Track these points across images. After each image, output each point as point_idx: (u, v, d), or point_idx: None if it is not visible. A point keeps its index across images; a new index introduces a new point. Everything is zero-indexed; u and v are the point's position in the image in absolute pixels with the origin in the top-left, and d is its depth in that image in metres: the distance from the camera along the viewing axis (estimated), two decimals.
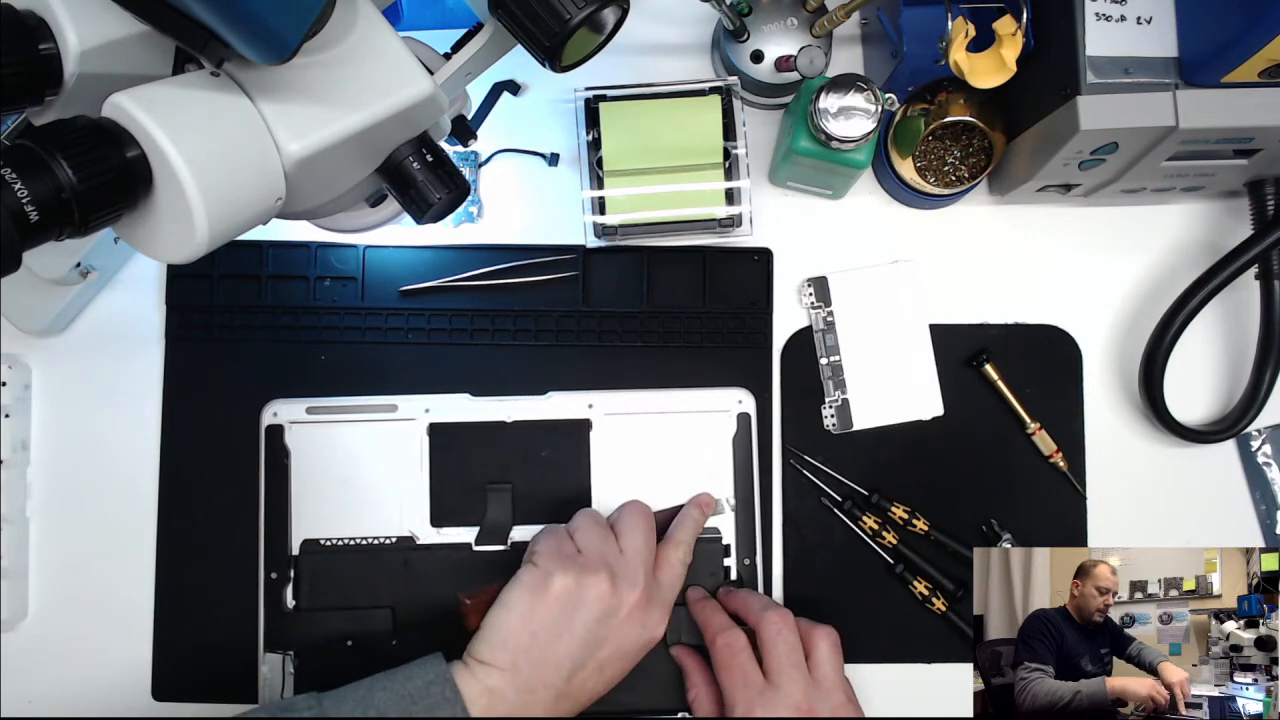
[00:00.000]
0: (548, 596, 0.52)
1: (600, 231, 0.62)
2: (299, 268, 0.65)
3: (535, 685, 0.51)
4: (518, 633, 0.52)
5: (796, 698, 0.52)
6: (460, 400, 0.64)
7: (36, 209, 0.33)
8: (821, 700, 0.53)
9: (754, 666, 0.54)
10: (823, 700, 0.53)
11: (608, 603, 0.53)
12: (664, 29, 0.67)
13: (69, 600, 0.63)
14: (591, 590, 0.53)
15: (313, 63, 0.39)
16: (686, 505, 0.62)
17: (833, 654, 0.55)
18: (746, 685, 0.54)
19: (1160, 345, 0.62)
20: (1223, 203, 0.67)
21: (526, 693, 0.51)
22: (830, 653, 0.55)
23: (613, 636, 0.53)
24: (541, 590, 0.53)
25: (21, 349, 0.64)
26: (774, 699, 0.53)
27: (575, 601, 0.53)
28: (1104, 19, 0.54)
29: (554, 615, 0.52)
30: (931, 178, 0.62)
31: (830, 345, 0.65)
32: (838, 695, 0.54)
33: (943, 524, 0.64)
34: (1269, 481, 0.66)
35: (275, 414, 0.63)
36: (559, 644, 0.52)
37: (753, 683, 0.54)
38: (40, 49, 0.36)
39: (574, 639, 0.52)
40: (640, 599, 0.54)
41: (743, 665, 0.54)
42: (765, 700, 0.53)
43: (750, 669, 0.54)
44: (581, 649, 0.53)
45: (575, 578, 0.53)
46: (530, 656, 0.52)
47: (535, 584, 0.53)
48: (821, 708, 0.53)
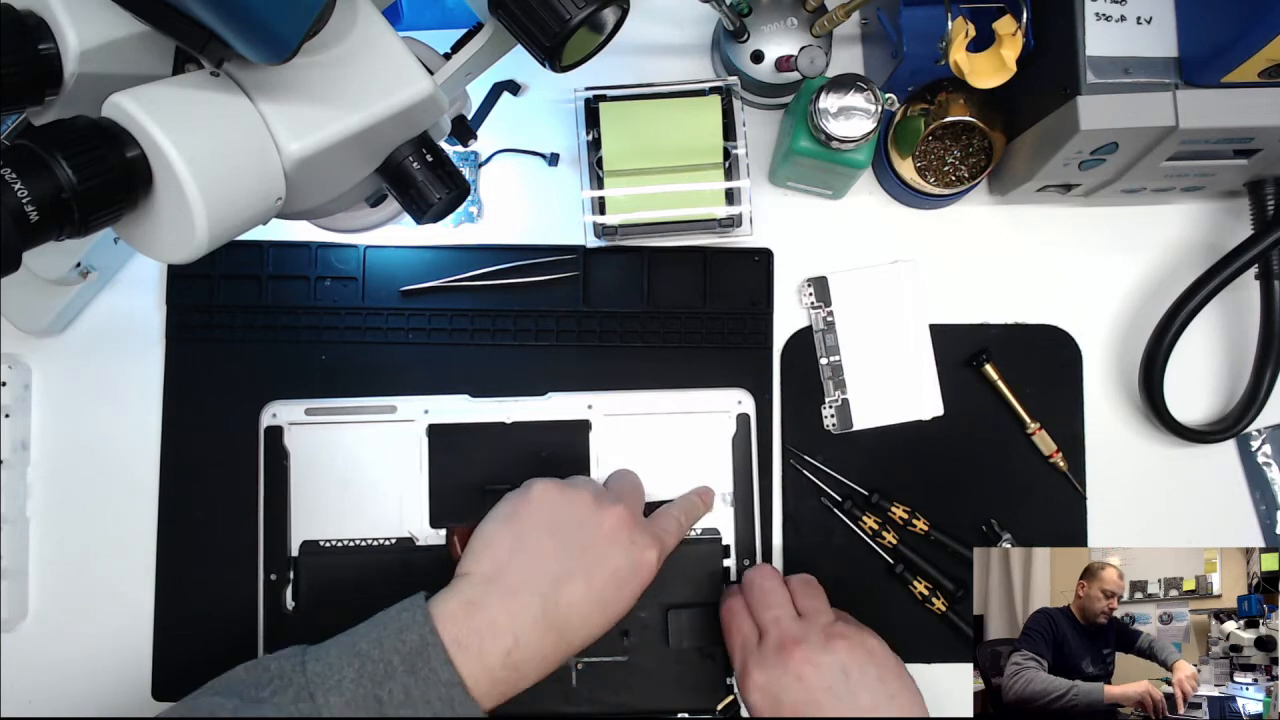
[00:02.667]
0: (529, 503, 0.53)
1: (600, 231, 0.62)
2: (299, 268, 0.65)
3: (520, 588, 0.50)
4: (500, 536, 0.52)
5: (779, 639, 0.53)
6: (459, 401, 0.64)
7: (36, 209, 0.33)
8: (805, 627, 0.54)
9: (749, 624, 0.56)
10: (805, 627, 0.54)
11: (588, 512, 0.53)
12: (664, 29, 0.67)
13: (69, 600, 0.63)
14: (573, 498, 0.53)
15: (313, 63, 0.39)
16: (689, 491, 0.62)
17: (807, 588, 0.57)
18: (742, 645, 0.55)
19: (1160, 345, 0.62)
20: (1223, 203, 0.67)
21: (510, 597, 0.49)
22: (804, 587, 0.57)
23: (596, 545, 0.52)
24: (523, 498, 0.53)
25: (21, 349, 0.64)
26: (762, 649, 0.54)
27: (555, 506, 0.53)
28: (1104, 19, 0.54)
29: (535, 518, 0.52)
30: (931, 178, 0.62)
31: (830, 345, 0.65)
32: (822, 618, 0.55)
33: (943, 524, 0.64)
34: (1269, 481, 0.66)
35: (274, 415, 0.63)
36: (542, 543, 0.52)
37: (747, 641, 0.55)
38: (40, 49, 0.36)
39: (555, 539, 0.52)
40: (624, 515, 0.54)
41: (739, 625, 0.56)
42: (756, 655, 0.54)
43: (745, 626, 0.55)
44: (564, 549, 0.51)
45: (558, 488, 0.54)
46: (514, 558, 0.51)
47: (517, 494, 0.54)
48: (809, 633, 0.53)
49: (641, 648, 0.62)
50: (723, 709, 0.61)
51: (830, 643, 0.52)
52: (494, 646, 0.48)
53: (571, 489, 0.54)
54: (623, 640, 0.62)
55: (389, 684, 0.45)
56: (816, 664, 0.52)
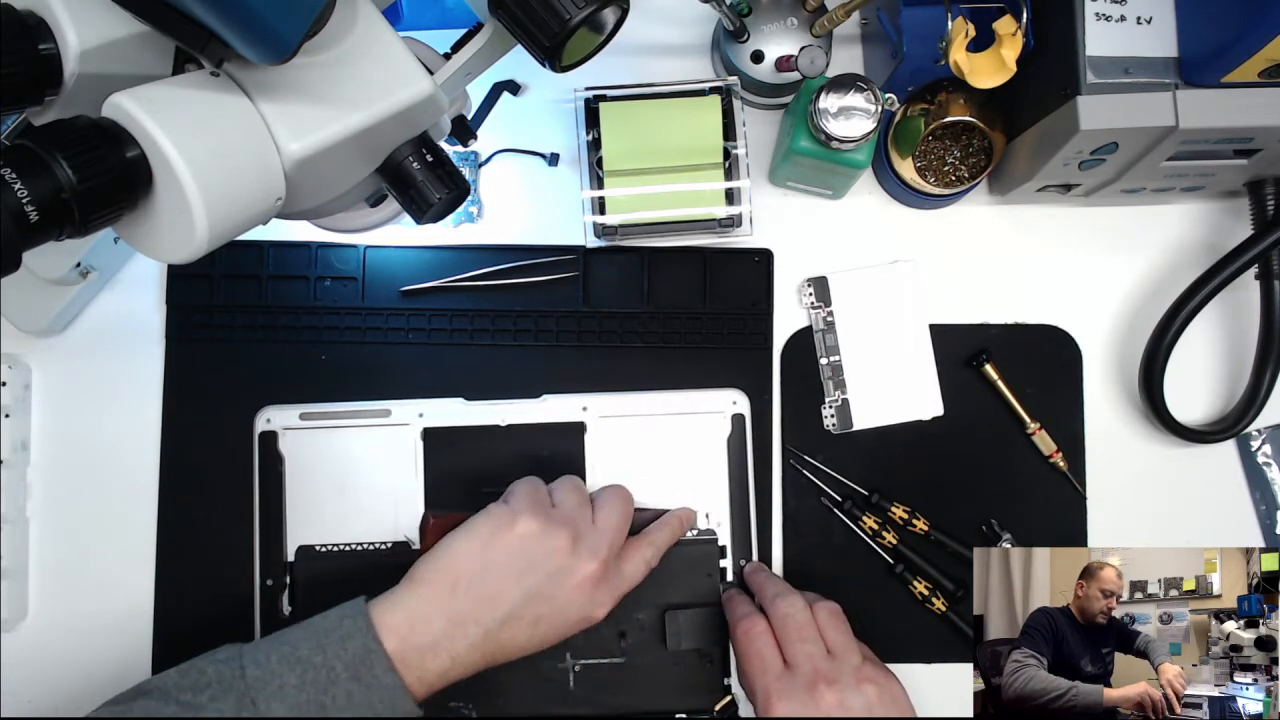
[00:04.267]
0: (510, 534, 0.52)
1: (600, 231, 0.62)
2: (299, 268, 0.65)
3: (468, 619, 0.51)
4: (470, 558, 0.52)
5: (810, 674, 0.53)
6: (454, 404, 0.64)
7: (36, 209, 0.33)
8: (837, 667, 0.54)
9: (772, 651, 0.55)
10: (838, 667, 0.54)
11: (564, 560, 0.53)
12: (664, 29, 0.67)
13: (69, 600, 0.63)
14: (554, 542, 0.53)
15: (313, 63, 0.39)
16: (670, 513, 0.62)
17: (836, 622, 0.56)
18: (765, 672, 0.54)
19: (1160, 345, 0.62)
20: (1223, 203, 0.67)
21: (456, 624, 0.50)
22: (833, 621, 0.56)
23: (557, 597, 0.53)
24: (506, 526, 0.53)
25: (21, 349, 0.64)
26: (791, 680, 0.53)
27: (534, 548, 0.52)
28: (1104, 19, 0.54)
29: (510, 553, 0.52)
30: (931, 178, 0.62)
31: (830, 345, 0.65)
32: (853, 658, 0.54)
33: (943, 524, 0.64)
34: (1269, 481, 0.66)
35: (269, 420, 0.63)
36: (506, 584, 0.52)
37: (770, 668, 0.54)
38: (40, 49, 0.36)
39: (520, 585, 0.52)
40: (597, 572, 0.54)
41: (760, 651, 0.55)
42: (782, 684, 0.53)
43: (768, 653, 0.55)
44: (524, 597, 0.52)
45: (541, 525, 0.53)
46: (474, 588, 0.51)
47: (501, 518, 0.53)
48: (841, 674, 0.53)
49: (638, 649, 0.62)
50: (720, 710, 0.61)
51: (861, 686, 0.53)
52: (433, 665, 0.50)
53: (554, 529, 0.53)
54: (620, 642, 0.62)
55: (333, 689, 0.47)
56: (847, 706, 0.52)
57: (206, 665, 0.48)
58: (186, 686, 0.46)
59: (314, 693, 0.46)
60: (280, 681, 0.46)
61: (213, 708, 0.45)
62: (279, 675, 0.47)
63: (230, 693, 0.46)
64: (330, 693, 0.46)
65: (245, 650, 0.48)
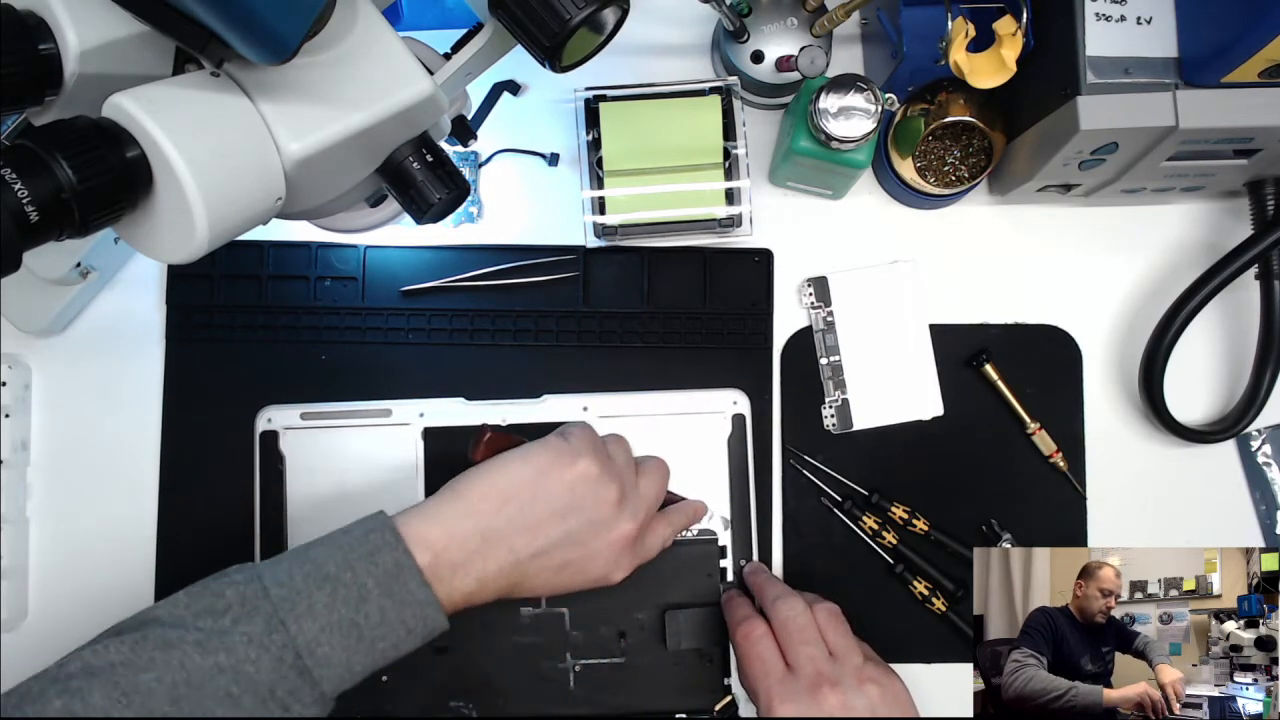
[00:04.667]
0: (568, 470, 0.51)
1: (600, 231, 0.62)
2: (300, 268, 0.65)
3: (503, 543, 0.50)
4: (522, 483, 0.51)
5: (813, 676, 0.53)
6: (455, 404, 0.64)
7: (36, 209, 0.33)
8: (839, 668, 0.54)
9: (773, 653, 0.55)
10: (840, 668, 0.54)
11: (608, 513, 0.52)
12: (664, 29, 0.67)
13: (69, 600, 0.63)
14: (604, 492, 0.52)
15: (313, 63, 0.39)
16: (687, 501, 0.62)
17: (836, 623, 0.56)
18: (766, 674, 0.54)
19: (1160, 345, 0.62)
20: (1223, 203, 0.67)
21: (490, 545, 0.49)
22: (833, 622, 0.56)
23: (590, 546, 0.52)
24: (566, 462, 0.52)
25: (21, 349, 0.64)
26: (794, 683, 0.53)
27: (585, 492, 0.52)
28: (1104, 19, 0.54)
29: (562, 489, 0.51)
30: (931, 178, 0.62)
31: (830, 345, 0.65)
32: (854, 658, 0.54)
33: (943, 524, 0.64)
34: (1269, 481, 0.66)
35: (269, 420, 0.63)
36: (549, 518, 0.51)
37: (772, 670, 0.54)
38: (40, 49, 0.36)
39: (563, 524, 0.51)
40: (631, 533, 0.53)
41: (761, 653, 0.55)
42: (784, 687, 0.53)
43: (770, 656, 0.55)
44: (562, 537, 0.51)
45: (600, 471, 0.52)
46: (519, 514, 0.50)
47: (561, 452, 0.52)
48: (843, 675, 0.53)
49: (638, 649, 0.62)
50: (720, 710, 0.61)
51: (863, 686, 0.53)
52: (460, 584, 0.48)
53: (608, 479, 0.53)
54: (620, 642, 0.62)
55: (365, 606, 0.45)
56: (850, 707, 0.52)
57: (223, 587, 0.45)
58: (202, 611, 0.44)
59: (346, 610, 0.44)
60: (310, 601, 0.44)
61: (238, 631, 0.43)
62: (306, 594, 0.44)
63: (257, 614, 0.43)
64: (363, 610, 0.45)
65: (262, 569, 0.46)
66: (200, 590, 0.45)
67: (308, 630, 0.43)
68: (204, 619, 0.43)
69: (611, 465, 0.54)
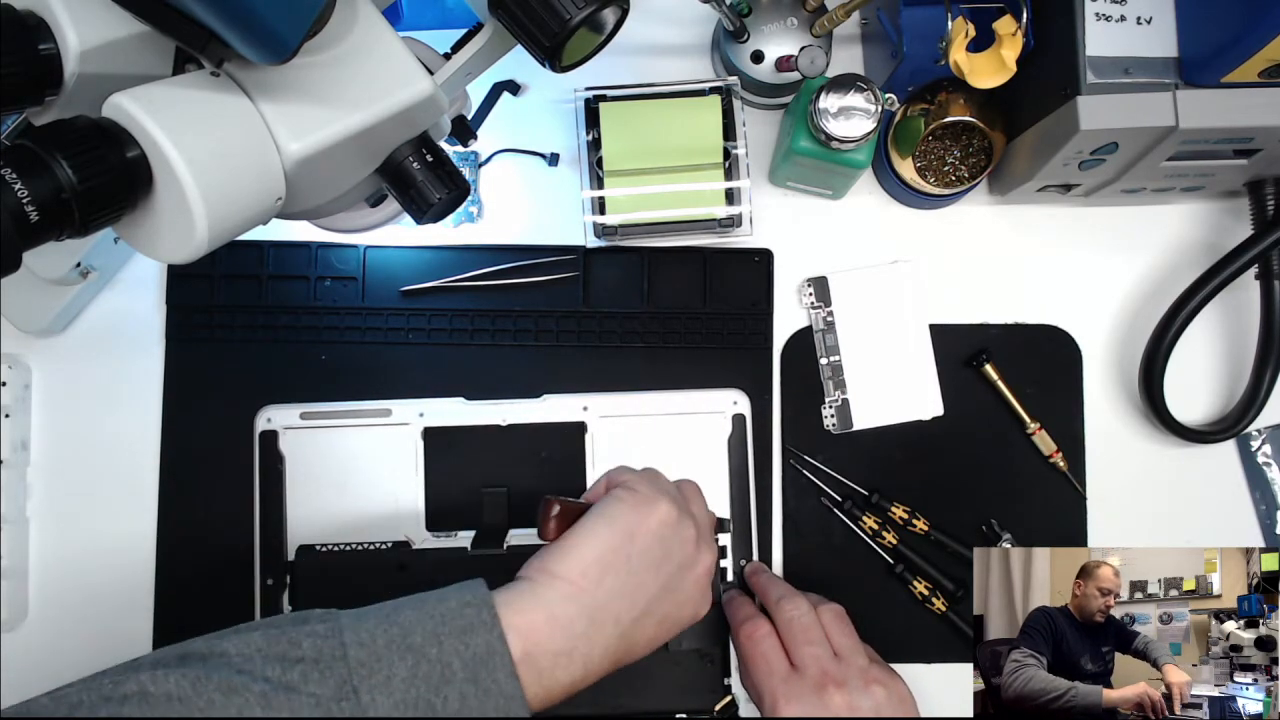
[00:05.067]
0: (652, 520, 0.47)
1: (600, 231, 0.62)
2: (300, 268, 0.65)
3: (608, 618, 0.45)
4: (619, 550, 0.46)
5: (818, 676, 0.53)
6: (455, 404, 0.64)
7: (36, 209, 0.33)
8: (844, 669, 0.54)
9: (777, 653, 0.55)
10: (845, 668, 0.54)
11: (691, 552, 0.49)
12: (664, 29, 0.67)
13: (69, 600, 0.63)
14: (686, 532, 0.49)
15: (313, 63, 0.39)
16: None
17: (841, 624, 0.56)
18: (770, 674, 0.54)
19: (1160, 345, 0.62)
20: (1223, 203, 0.67)
21: (596, 625, 0.45)
22: (838, 623, 0.56)
23: (681, 590, 0.49)
24: (647, 512, 0.48)
25: (21, 349, 0.64)
26: (799, 683, 0.53)
27: (671, 537, 0.48)
28: (1104, 19, 0.54)
29: (651, 542, 0.47)
30: (931, 178, 0.62)
31: (830, 345, 0.65)
32: (858, 660, 0.54)
33: (943, 524, 0.64)
34: (1269, 481, 0.66)
35: (269, 419, 0.63)
36: (647, 576, 0.47)
37: (776, 670, 0.54)
38: (40, 49, 0.36)
39: (658, 577, 0.47)
40: (711, 567, 0.51)
41: (765, 653, 0.55)
42: (789, 687, 0.53)
43: (774, 655, 0.55)
44: (660, 591, 0.47)
45: (679, 514, 0.49)
46: (616, 584, 0.46)
47: (640, 504, 0.48)
48: (849, 676, 0.53)
49: None
50: (720, 710, 0.61)
51: (869, 687, 0.53)
52: (564, 675, 0.44)
53: (685, 518, 0.50)
54: None
55: (445, 690, 0.40)
56: (855, 708, 0.52)
57: (300, 636, 0.40)
58: (274, 657, 0.40)
59: (424, 690, 0.40)
60: (389, 671, 0.40)
61: (305, 691, 0.39)
62: (387, 663, 0.40)
63: (330, 676, 0.39)
64: (442, 693, 0.40)
65: (345, 623, 0.41)
66: (278, 635, 0.41)
67: (381, 705, 0.39)
68: (274, 666, 0.40)
69: (683, 503, 0.51)
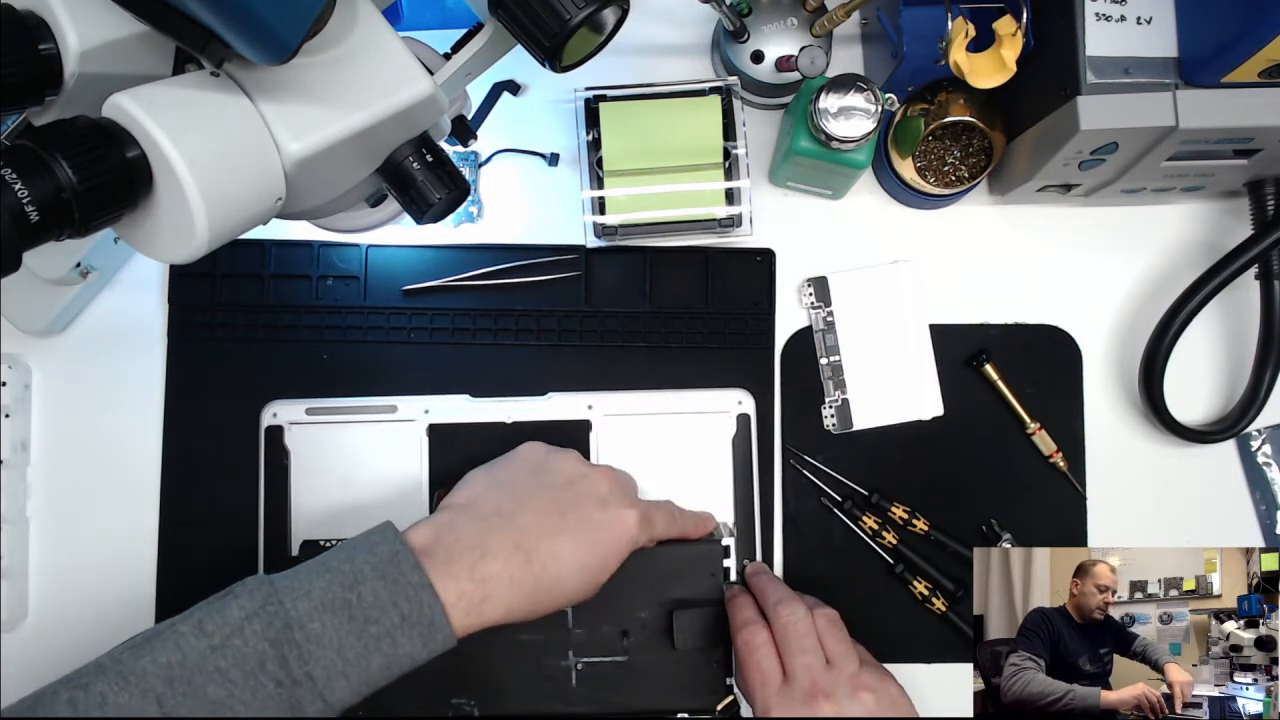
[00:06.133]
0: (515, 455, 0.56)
1: (600, 231, 0.62)
2: (301, 267, 0.65)
3: (491, 514, 0.52)
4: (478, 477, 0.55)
5: (808, 687, 0.53)
6: (460, 401, 0.64)
7: (36, 209, 0.33)
8: (834, 678, 0.54)
9: (772, 663, 0.55)
10: (835, 677, 0.54)
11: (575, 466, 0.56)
12: (664, 29, 0.67)
13: (69, 600, 0.63)
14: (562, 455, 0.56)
15: (313, 63, 0.39)
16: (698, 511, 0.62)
17: (834, 629, 0.56)
18: (765, 685, 0.54)
19: (1160, 345, 0.62)
20: (1223, 203, 0.67)
21: (480, 519, 0.51)
22: (831, 628, 0.56)
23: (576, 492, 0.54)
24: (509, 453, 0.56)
25: (21, 349, 0.64)
26: (788, 693, 0.53)
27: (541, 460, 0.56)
28: (1104, 19, 0.54)
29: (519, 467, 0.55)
30: (931, 178, 0.62)
31: (830, 345, 0.65)
32: (849, 666, 0.54)
33: (943, 524, 0.64)
34: (1269, 481, 0.66)
35: (275, 415, 0.63)
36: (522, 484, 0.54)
37: (770, 682, 0.54)
38: (40, 49, 0.36)
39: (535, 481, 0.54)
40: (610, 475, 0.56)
41: (759, 663, 0.55)
42: (780, 698, 0.53)
43: (768, 665, 0.55)
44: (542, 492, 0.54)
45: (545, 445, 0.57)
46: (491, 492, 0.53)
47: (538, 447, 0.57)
48: (838, 685, 0.53)
49: (641, 648, 0.62)
50: (722, 709, 0.61)
51: (857, 694, 0.53)
52: (460, 557, 0.49)
53: (559, 449, 0.57)
54: (622, 640, 0.62)
55: (359, 588, 0.46)
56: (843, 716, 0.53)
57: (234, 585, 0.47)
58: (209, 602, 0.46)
59: (340, 590, 0.46)
60: (309, 585, 0.46)
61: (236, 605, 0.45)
62: (307, 579, 0.47)
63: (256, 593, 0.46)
64: (356, 590, 0.46)
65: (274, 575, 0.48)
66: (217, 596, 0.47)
67: (301, 607, 0.45)
68: (208, 606, 0.46)
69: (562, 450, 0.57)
